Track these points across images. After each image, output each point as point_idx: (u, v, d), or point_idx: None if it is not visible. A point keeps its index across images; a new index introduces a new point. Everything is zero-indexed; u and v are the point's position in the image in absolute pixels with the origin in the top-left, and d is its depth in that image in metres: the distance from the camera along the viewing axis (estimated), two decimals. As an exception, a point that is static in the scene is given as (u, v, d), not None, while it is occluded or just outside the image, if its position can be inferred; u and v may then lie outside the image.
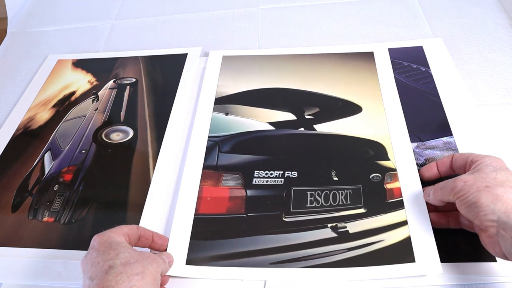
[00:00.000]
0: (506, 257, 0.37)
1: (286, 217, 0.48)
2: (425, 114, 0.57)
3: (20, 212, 0.53)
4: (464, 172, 0.43)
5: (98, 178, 0.56)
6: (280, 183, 0.51)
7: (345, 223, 0.48)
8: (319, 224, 0.48)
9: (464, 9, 0.74)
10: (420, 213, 0.47)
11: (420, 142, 0.54)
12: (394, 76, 0.62)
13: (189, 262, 0.46)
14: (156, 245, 0.46)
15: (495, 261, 0.43)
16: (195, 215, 0.50)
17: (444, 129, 0.55)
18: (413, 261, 0.43)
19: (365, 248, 0.45)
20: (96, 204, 0.53)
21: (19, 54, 0.79)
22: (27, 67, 0.76)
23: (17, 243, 0.50)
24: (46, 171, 0.58)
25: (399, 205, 0.48)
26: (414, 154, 0.53)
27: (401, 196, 0.49)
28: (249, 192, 0.51)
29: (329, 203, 0.49)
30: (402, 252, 0.44)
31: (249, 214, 0.49)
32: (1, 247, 0.50)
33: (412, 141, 0.54)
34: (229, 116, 0.60)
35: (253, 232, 0.48)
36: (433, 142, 0.54)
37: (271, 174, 0.52)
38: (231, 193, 0.51)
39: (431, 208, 0.46)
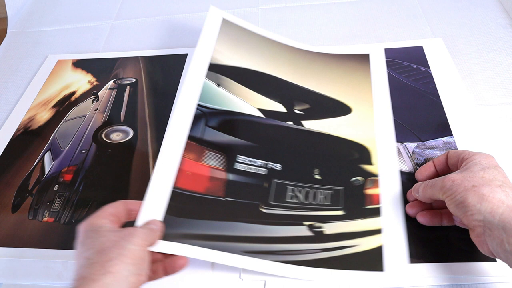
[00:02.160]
0: (493, 256, 0.37)
1: (264, 208, 0.47)
2: (425, 114, 0.57)
3: (20, 212, 0.53)
4: (457, 169, 0.43)
5: (98, 178, 0.56)
6: (263, 173, 0.50)
7: (322, 223, 0.47)
8: (296, 220, 0.47)
9: (464, 9, 0.74)
10: (396, 223, 0.46)
11: (420, 142, 0.54)
12: (394, 76, 0.62)
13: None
14: None
15: (495, 261, 0.43)
16: (173, 187, 0.46)
17: (444, 129, 0.55)
18: (382, 270, 0.43)
19: (338, 251, 0.45)
20: (96, 204, 0.53)
21: (19, 54, 0.79)
22: (27, 67, 0.76)
23: (17, 243, 0.50)
24: (46, 171, 0.58)
25: (376, 212, 0.47)
26: (414, 154, 0.53)
27: (379, 204, 0.48)
28: (231, 176, 0.49)
29: (308, 201, 0.48)
30: (372, 260, 0.44)
31: (228, 199, 0.47)
32: (1, 247, 0.50)
33: (412, 141, 0.54)
34: (220, 88, 0.56)
35: (230, 217, 0.46)
36: (433, 142, 0.54)
37: (255, 162, 0.50)
38: (212, 173, 0.48)
39: (426, 207, 0.46)
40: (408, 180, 0.50)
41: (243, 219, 0.46)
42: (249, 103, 0.56)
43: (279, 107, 0.57)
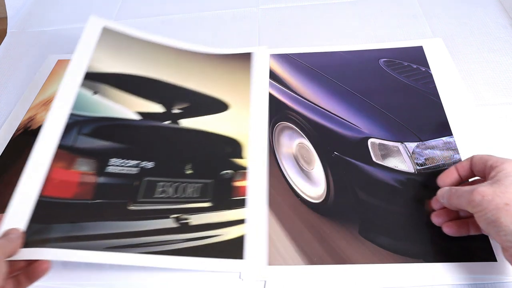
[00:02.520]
0: None
1: (132, 206, 0.49)
2: (425, 114, 0.57)
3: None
4: (484, 177, 0.41)
5: None
6: (134, 172, 0.51)
7: (189, 215, 0.49)
8: (164, 214, 0.49)
9: (464, 9, 0.74)
10: (259, 214, 0.49)
11: (420, 142, 0.54)
12: (394, 76, 0.62)
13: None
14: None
15: (495, 260, 0.43)
16: (39, 196, 0.47)
17: (444, 129, 0.55)
18: (242, 258, 0.45)
19: (202, 240, 0.47)
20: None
21: (19, 54, 0.79)
22: (27, 67, 0.76)
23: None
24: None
25: (242, 203, 0.50)
26: (414, 154, 0.53)
27: (246, 195, 0.51)
28: (100, 179, 0.50)
29: (177, 195, 0.50)
30: (234, 249, 0.46)
31: (95, 201, 0.49)
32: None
33: (412, 141, 0.54)
34: (96, 96, 0.57)
35: (97, 218, 0.47)
36: (433, 142, 0.54)
37: (127, 163, 0.52)
38: (82, 179, 0.50)
39: (452, 215, 0.44)
40: (408, 180, 0.50)
41: (110, 218, 0.48)
42: (127, 107, 0.58)
43: (158, 108, 0.59)
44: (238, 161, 0.54)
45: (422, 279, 0.43)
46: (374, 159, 0.53)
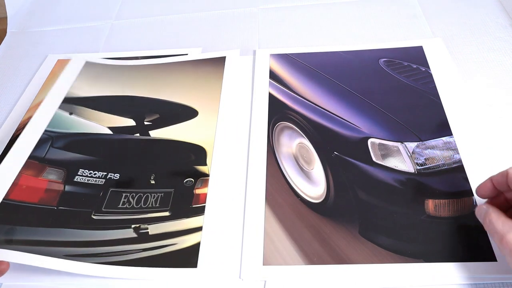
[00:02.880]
0: None
1: (95, 215, 0.50)
2: (425, 114, 0.57)
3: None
4: None
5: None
6: (100, 183, 0.53)
7: (149, 225, 0.49)
8: (124, 224, 0.50)
9: (464, 9, 0.74)
10: (217, 220, 0.49)
11: (420, 142, 0.54)
12: (394, 76, 0.62)
13: None
14: None
15: (495, 260, 0.43)
16: (3, 199, 0.51)
17: (444, 129, 0.55)
18: (195, 266, 0.45)
19: (159, 250, 0.47)
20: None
21: (19, 54, 0.79)
22: (27, 67, 0.76)
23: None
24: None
25: (201, 211, 0.50)
26: (414, 154, 0.53)
27: (205, 202, 0.51)
28: (67, 188, 0.53)
29: (139, 205, 0.51)
30: (188, 257, 0.46)
31: (60, 208, 0.51)
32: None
33: (412, 140, 0.54)
34: (72, 116, 0.61)
35: (60, 224, 0.49)
36: (433, 142, 0.54)
37: (95, 174, 0.54)
38: (49, 186, 0.53)
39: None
40: (407, 180, 0.50)
41: (73, 225, 0.49)
42: (100, 123, 0.61)
43: (129, 122, 0.62)
44: (201, 168, 0.55)
45: (422, 279, 0.43)
46: (374, 159, 0.53)
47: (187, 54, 0.72)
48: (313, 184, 0.52)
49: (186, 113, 0.62)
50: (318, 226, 0.48)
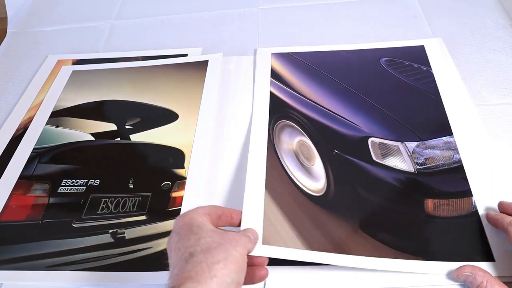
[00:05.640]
0: None
1: (75, 223, 0.51)
2: (426, 114, 0.57)
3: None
4: None
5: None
6: (82, 191, 0.54)
7: (125, 229, 0.50)
8: (102, 230, 0.50)
9: (464, 9, 0.74)
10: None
11: (420, 142, 0.54)
12: (395, 75, 0.62)
13: None
14: (235, 221, 0.44)
15: (494, 260, 0.43)
16: None
17: (444, 129, 0.55)
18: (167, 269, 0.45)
19: (135, 254, 0.48)
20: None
21: (19, 54, 0.79)
22: (27, 67, 0.76)
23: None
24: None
25: (177, 213, 0.50)
26: (414, 153, 0.53)
27: (181, 205, 0.51)
28: (52, 200, 0.53)
29: (117, 210, 0.52)
30: (162, 260, 0.46)
31: (44, 221, 0.51)
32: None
33: (412, 140, 0.54)
34: (58, 129, 0.62)
35: (44, 237, 0.50)
36: (433, 142, 0.54)
37: (76, 182, 0.55)
38: (35, 201, 0.54)
39: None
40: (407, 179, 0.50)
41: (56, 236, 0.50)
42: (83, 131, 0.62)
43: (111, 127, 0.62)
44: (179, 171, 0.55)
45: (422, 279, 0.43)
46: (374, 158, 0.53)
47: (187, 55, 0.72)
48: (313, 179, 0.52)
49: (166, 116, 0.62)
50: (318, 217, 0.48)
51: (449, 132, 0.54)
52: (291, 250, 0.44)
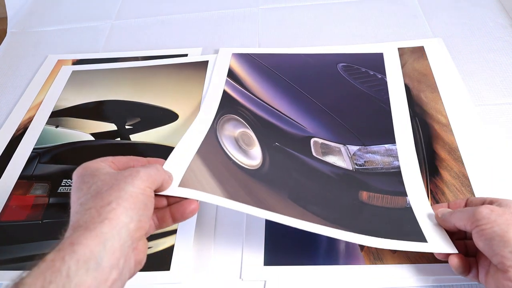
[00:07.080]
0: None
1: None
2: (373, 120, 0.57)
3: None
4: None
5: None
6: None
7: None
8: None
9: (464, 9, 0.74)
10: (191, 222, 0.49)
11: (363, 146, 0.54)
12: (349, 81, 0.62)
13: None
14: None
15: (426, 241, 0.42)
16: None
17: (388, 136, 0.55)
18: (168, 269, 0.45)
19: None
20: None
21: (19, 54, 0.79)
22: (27, 67, 0.76)
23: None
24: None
25: None
26: (354, 155, 0.53)
27: None
28: (52, 200, 0.53)
29: None
30: (161, 260, 0.46)
31: (44, 221, 0.51)
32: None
33: (355, 144, 0.54)
34: (58, 129, 0.62)
35: (45, 237, 0.50)
36: (375, 148, 0.54)
37: None
38: (35, 201, 0.53)
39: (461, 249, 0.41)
40: (344, 174, 0.51)
41: (55, 236, 0.49)
42: (83, 131, 0.62)
43: (111, 127, 0.62)
44: None
45: (422, 278, 0.43)
46: (314, 154, 0.53)
47: (187, 55, 0.72)
48: (249, 158, 0.53)
49: (166, 116, 0.62)
50: (246, 181, 0.48)
51: (392, 140, 0.54)
52: (209, 195, 0.42)
